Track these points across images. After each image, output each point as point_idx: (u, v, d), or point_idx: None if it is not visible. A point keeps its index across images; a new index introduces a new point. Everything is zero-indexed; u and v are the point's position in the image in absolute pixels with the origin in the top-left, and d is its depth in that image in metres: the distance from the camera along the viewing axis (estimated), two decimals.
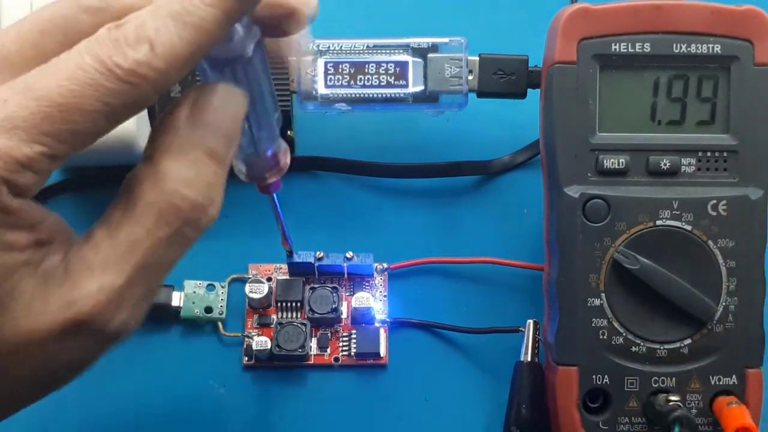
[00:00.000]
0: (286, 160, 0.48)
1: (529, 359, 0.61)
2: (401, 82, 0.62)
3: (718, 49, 0.56)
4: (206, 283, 0.66)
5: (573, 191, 0.56)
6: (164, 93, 0.39)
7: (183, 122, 0.39)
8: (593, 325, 0.56)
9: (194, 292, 0.65)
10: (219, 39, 0.38)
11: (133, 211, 0.39)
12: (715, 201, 0.56)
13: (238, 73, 0.40)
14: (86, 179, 0.67)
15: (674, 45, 0.56)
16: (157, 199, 0.39)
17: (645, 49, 0.56)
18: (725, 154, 0.56)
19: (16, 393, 0.40)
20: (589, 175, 0.56)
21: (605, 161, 0.56)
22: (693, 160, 0.56)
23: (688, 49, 0.56)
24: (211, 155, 0.40)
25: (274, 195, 0.52)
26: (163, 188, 0.39)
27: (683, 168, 0.56)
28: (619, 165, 0.56)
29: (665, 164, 0.56)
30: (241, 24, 0.39)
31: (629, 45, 0.56)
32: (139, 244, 0.39)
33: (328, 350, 0.65)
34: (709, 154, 0.56)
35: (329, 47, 0.62)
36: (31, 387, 0.41)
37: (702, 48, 0.56)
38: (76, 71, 0.36)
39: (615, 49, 0.56)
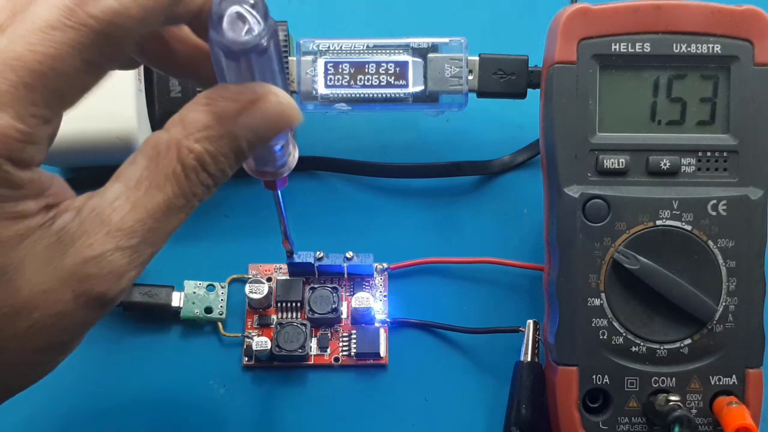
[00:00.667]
0: (295, 155, 0.48)
1: (529, 359, 0.61)
2: (401, 82, 0.62)
3: (718, 49, 0.56)
4: (206, 283, 0.66)
5: (573, 191, 0.56)
6: (140, 36, 0.39)
7: (230, 116, 0.40)
8: (593, 325, 0.56)
9: (194, 293, 0.65)
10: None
11: (155, 175, 0.40)
12: (715, 201, 0.56)
13: (252, 64, 0.40)
14: (86, 179, 0.67)
15: (674, 45, 0.56)
16: (178, 170, 0.40)
17: (645, 49, 0.56)
18: (725, 154, 0.56)
19: (25, 357, 0.40)
20: (589, 175, 0.56)
21: (605, 161, 0.56)
22: (693, 160, 0.56)
23: (688, 49, 0.56)
24: (238, 152, 0.41)
25: (279, 192, 0.52)
26: (185, 162, 0.40)
27: (683, 168, 0.56)
28: (619, 165, 0.56)
29: (665, 164, 0.56)
30: (258, 13, 0.39)
31: (629, 45, 0.56)
32: (158, 208, 0.39)
33: (328, 350, 0.65)
34: (709, 154, 0.56)
35: (329, 47, 0.62)
36: (39, 351, 0.40)
37: (702, 48, 0.56)
38: (47, 30, 0.36)
39: (615, 49, 0.56)
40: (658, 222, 0.56)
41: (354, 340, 0.65)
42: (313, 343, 0.65)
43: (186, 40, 0.44)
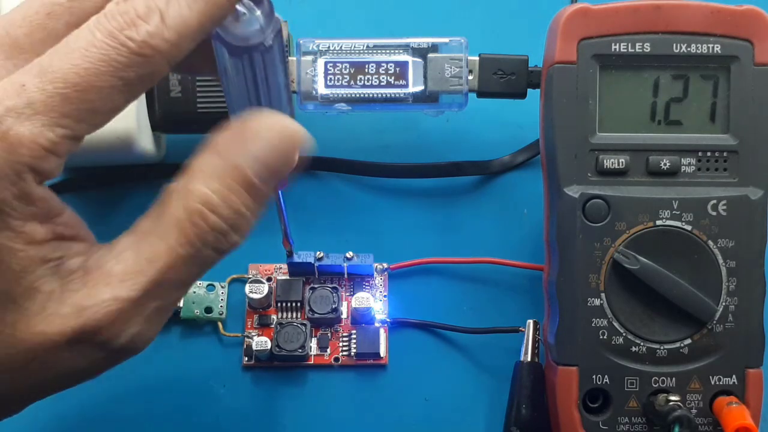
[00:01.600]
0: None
1: (529, 359, 0.61)
2: (401, 82, 0.62)
3: (718, 49, 0.56)
4: (206, 283, 0.66)
5: (573, 191, 0.56)
6: (176, 64, 0.38)
7: (228, 147, 0.40)
8: (593, 325, 0.56)
9: (194, 292, 0.65)
10: (228, 12, 0.38)
11: (159, 224, 0.39)
12: (715, 201, 0.56)
13: (255, 62, 0.40)
14: (86, 179, 0.67)
15: (674, 45, 0.56)
16: (181, 216, 0.39)
17: (645, 49, 0.56)
18: (725, 154, 0.56)
19: (16, 394, 0.40)
20: (589, 175, 0.56)
21: (605, 161, 0.56)
22: (693, 160, 0.56)
23: (688, 49, 0.56)
24: (248, 186, 0.39)
25: (279, 192, 0.52)
26: (188, 206, 0.39)
27: (683, 168, 0.56)
28: (619, 165, 0.56)
29: (665, 164, 0.56)
30: (262, 11, 0.39)
31: (629, 45, 0.56)
32: (159, 258, 0.39)
33: (328, 350, 0.65)
34: (709, 154, 0.56)
35: (329, 47, 0.62)
36: (32, 389, 0.41)
37: (702, 48, 0.56)
38: (88, 49, 0.36)
39: (615, 49, 0.56)
40: (658, 222, 0.56)
41: (354, 340, 0.65)
42: (313, 343, 0.65)
43: None
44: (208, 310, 0.65)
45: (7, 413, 0.42)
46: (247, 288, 0.64)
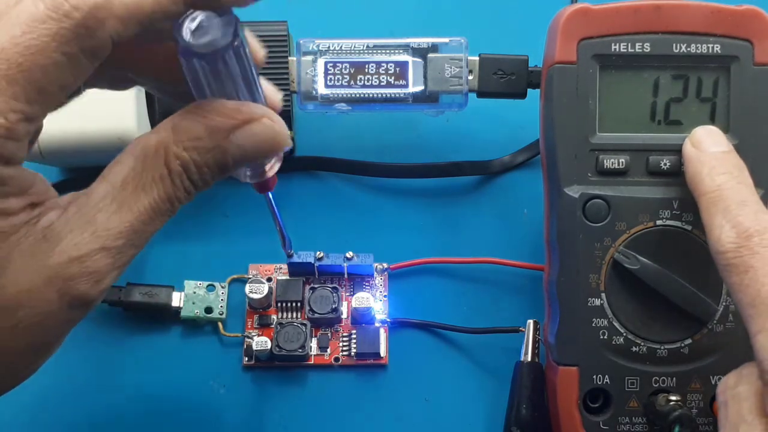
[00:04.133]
0: (275, 165, 0.48)
1: (529, 359, 0.61)
2: (401, 82, 0.62)
3: (717, 49, 0.56)
4: (206, 283, 0.66)
5: (573, 191, 0.56)
6: (121, 43, 0.38)
7: (222, 132, 0.41)
8: (593, 325, 0.56)
9: (194, 293, 0.65)
10: (180, 6, 0.39)
11: (140, 176, 0.40)
12: None
13: (217, 65, 0.40)
14: (86, 179, 0.67)
15: (674, 45, 0.56)
16: (164, 173, 0.40)
17: (645, 49, 0.56)
18: None
19: (6, 358, 0.40)
20: (589, 175, 0.56)
21: (605, 161, 0.56)
22: None
23: (688, 49, 0.56)
24: (223, 168, 0.42)
25: (271, 197, 0.52)
26: (172, 167, 0.40)
27: (683, 168, 0.56)
28: (619, 165, 0.56)
29: (665, 164, 0.56)
30: (219, 16, 0.39)
31: (629, 45, 0.56)
32: (143, 209, 0.40)
33: (328, 350, 0.65)
34: None
35: (329, 47, 0.62)
36: (21, 353, 0.40)
37: (702, 48, 0.56)
38: (30, 22, 0.36)
39: (615, 49, 0.56)
40: (659, 222, 0.56)
41: (354, 340, 0.65)
42: (313, 343, 0.65)
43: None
44: (208, 310, 0.65)
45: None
46: (247, 288, 0.64)
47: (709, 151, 0.52)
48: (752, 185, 0.51)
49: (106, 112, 0.61)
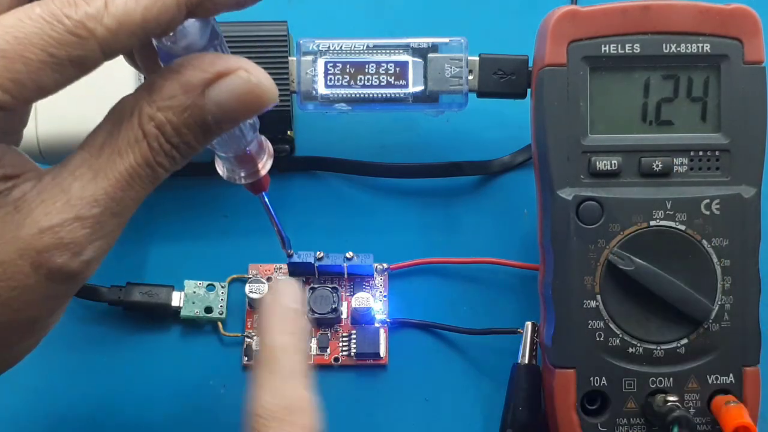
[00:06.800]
0: (269, 145, 0.48)
1: (526, 361, 0.61)
2: (401, 82, 0.62)
3: (707, 48, 0.56)
4: (206, 283, 0.66)
5: (566, 193, 0.56)
6: (111, 58, 0.38)
7: (196, 87, 0.39)
8: (589, 327, 0.56)
9: (194, 292, 0.65)
10: (174, 19, 0.38)
11: (115, 140, 0.39)
12: (708, 200, 0.56)
13: None
14: None
15: (664, 45, 0.56)
16: (139, 136, 0.39)
17: (635, 50, 0.56)
18: (717, 153, 0.56)
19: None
20: (581, 177, 0.56)
21: (597, 163, 0.56)
22: (685, 160, 0.56)
23: (678, 48, 0.56)
24: (204, 128, 0.40)
25: (266, 198, 0.52)
26: (147, 130, 0.39)
27: (675, 168, 0.56)
28: (611, 166, 0.56)
29: (657, 165, 0.56)
30: (201, 26, 0.39)
31: (619, 46, 0.56)
32: (119, 176, 0.39)
33: (328, 350, 0.65)
34: (701, 153, 0.56)
35: (329, 47, 0.62)
36: (5, 327, 0.40)
37: (691, 47, 0.56)
38: (23, 20, 0.36)
39: (605, 50, 0.56)
40: (652, 222, 0.56)
41: (354, 340, 0.65)
42: (313, 343, 0.65)
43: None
44: (208, 310, 0.65)
45: None
46: (247, 288, 0.65)
47: (284, 306, 0.50)
48: (308, 353, 0.51)
49: (107, 112, 0.62)
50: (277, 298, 0.50)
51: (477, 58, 0.63)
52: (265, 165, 0.48)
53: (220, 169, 0.48)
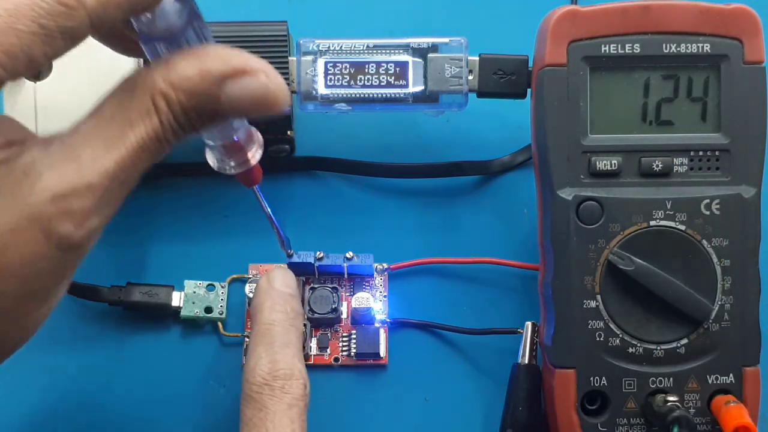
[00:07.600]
0: (258, 135, 0.48)
1: (526, 361, 0.61)
2: (401, 82, 0.62)
3: (707, 48, 0.56)
4: (206, 283, 0.66)
5: (566, 193, 0.56)
6: (98, 31, 0.39)
7: (215, 77, 0.40)
8: (589, 327, 0.56)
9: (194, 292, 0.65)
10: None
11: (127, 111, 0.39)
12: (708, 200, 0.56)
13: (178, 44, 0.40)
14: None
15: (664, 45, 0.56)
16: (155, 113, 0.39)
17: (635, 50, 0.56)
18: (717, 153, 0.56)
19: (5, 304, 0.39)
20: (581, 177, 0.56)
21: (597, 163, 0.56)
22: (685, 160, 0.56)
23: (678, 48, 0.56)
24: (215, 116, 0.41)
25: (259, 191, 0.52)
26: (160, 108, 0.39)
27: (675, 168, 0.56)
28: (611, 166, 0.56)
29: (657, 165, 0.56)
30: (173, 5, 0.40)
31: (619, 46, 0.56)
32: (131, 146, 0.39)
33: (328, 350, 0.65)
34: (701, 153, 0.56)
35: (329, 47, 0.62)
36: (16, 298, 0.39)
37: (692, 47, 0.56)
38: None
39: (605, 50, 0.56)
40: (652, 222, 0.56)
41: (354, 341, 0.65)
42: (313, 343, 0.65)
43: None
44: (208, 310, 0.65)
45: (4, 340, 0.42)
46: (247, 288, 0.65)
47: (277, 289, 0.56)
48: (301, 332, 0.57)
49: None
50: (271, 282, 0.55)
51: (477, 58, 0.63)
52: (255, 155, 0.48)
53: (210, 159, 0.48)
